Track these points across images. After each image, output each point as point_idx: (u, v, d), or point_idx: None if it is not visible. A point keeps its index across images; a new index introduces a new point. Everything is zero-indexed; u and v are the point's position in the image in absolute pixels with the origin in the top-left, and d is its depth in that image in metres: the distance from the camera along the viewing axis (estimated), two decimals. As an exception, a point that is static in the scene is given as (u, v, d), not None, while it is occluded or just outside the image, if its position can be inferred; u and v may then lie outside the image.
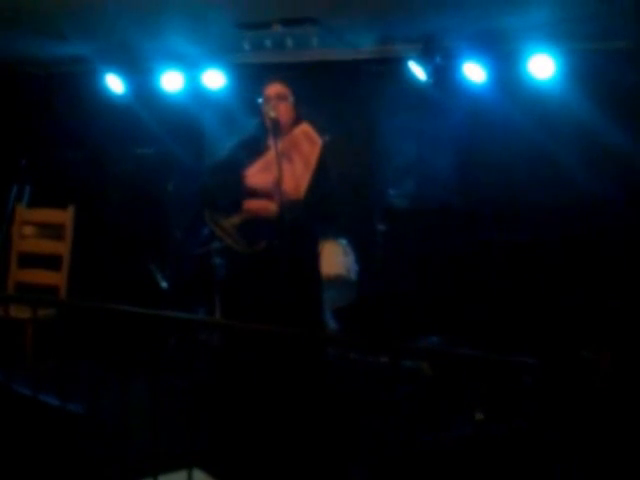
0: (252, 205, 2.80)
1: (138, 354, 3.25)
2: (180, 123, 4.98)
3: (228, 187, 2.88)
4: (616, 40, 3.79)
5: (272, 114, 2.79)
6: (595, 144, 3.85)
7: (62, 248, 3.87)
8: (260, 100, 2.88)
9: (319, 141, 2.86)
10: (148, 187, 4.91)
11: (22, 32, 4.45)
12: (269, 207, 2.76)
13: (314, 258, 2.93)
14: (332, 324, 3.85)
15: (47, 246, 3.93)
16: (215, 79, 4.79)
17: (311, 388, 2.75)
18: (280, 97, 2.88)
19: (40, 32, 4.46)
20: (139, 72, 4.93)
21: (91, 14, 4.08)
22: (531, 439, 2.26)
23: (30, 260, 3.94)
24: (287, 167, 2.74)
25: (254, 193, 2.82)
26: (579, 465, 2.06)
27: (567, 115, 3.90)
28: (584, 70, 3.89)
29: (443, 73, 4.24)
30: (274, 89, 2.90)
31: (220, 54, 4.72)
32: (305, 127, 2.89)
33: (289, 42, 4.32)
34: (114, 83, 4.98)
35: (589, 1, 3.32)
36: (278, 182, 2.68)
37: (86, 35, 4.51)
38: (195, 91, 4.90)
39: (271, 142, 2.80)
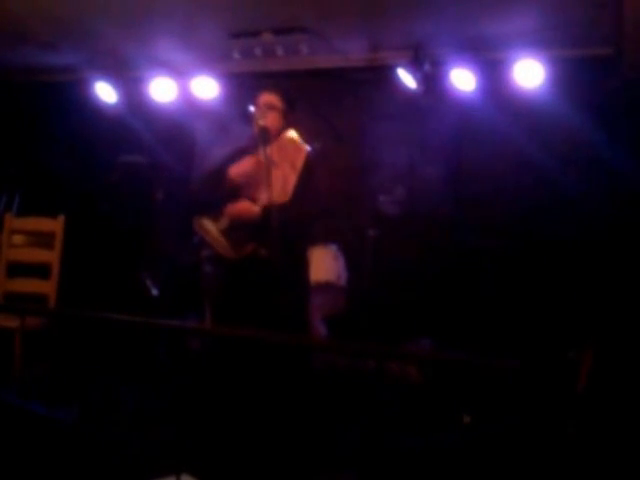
0: (234, 209, 2.80)
1: (128, 361, 3.25)
2: (170, 131, 4.98)
3: (218, 196, 2.89)
4: (598, 47, 3.84)
5: (261, 122, 2.82)
6: (582, 150, 3.89)
7: (52, 257, 3.86)
8: (252, 108, 2.90)
9: (305, 147, 2.89)
10: (138, 195, 4.90)
11: (11, 41, 4.46)
12: (251, 209, 2.76)
13: (301, 262, 2.93)
14: (322, 330, 3.85)
15: (37, 255, 3.92)
16: (205, 87, 4.80)
17: (298, 394, 2.75)
18: (270, 106, 2.91)
19: (30, 41, 4.47)
20: (129, 80, 4.93)
21: (81, 23, 4.10)
22: (519, 441, 2.27)
23: (20, 269, 3.92)
24: (274, 172, 2.76)
25: (236, 190, 2.82)
26: (565, 465, 2.07)
27: (554, 121, 3.93)
28: (569, 77, 3.93)
29: (432, 81, 4.28)
30: (265, 98, 2.93)
31: (210, 62, 4.73)
32: (291, 134, 2.91)
33: (279, 50, 4.35)
34: (104, 91, 4.98)
35: (570, 8, 3.38)
36: (267, 188, 2.69)
37: (76, 44, 4.52)
38: (185, 99, 4.90)
39: (260, 149, 2.82)
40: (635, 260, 3.42)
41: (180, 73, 4.79)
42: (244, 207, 2.79)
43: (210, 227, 2.84)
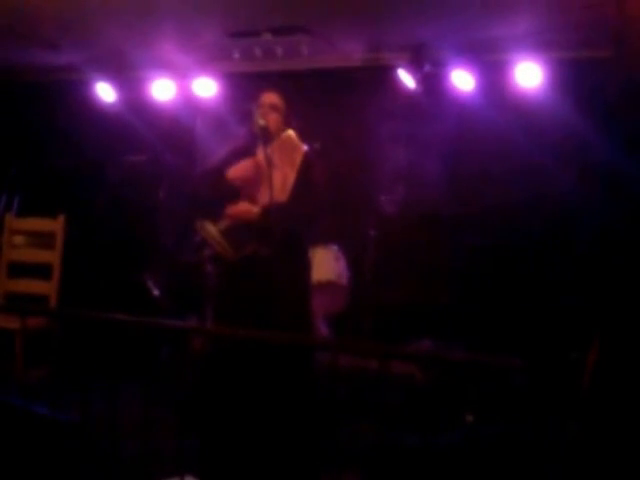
0: (234, 210, 2.81)
1: (130, 362, 3.25)
2: (171, 131, 4.99)
3: (218, 195, 2.89)
4: (598, 48, 3.85)
5: (261, 122, 2.81)
6: (581, 151, 3.90)
7: (53, 257, 3.86)
8: (253, 107, 2.90)
9: (303, 146, 2.90)
10: (139, 195, 4.91)
11: (13, 41, 4.46)
12: (251, 209, 2.77)
13: (302, 262, 2.93)
14: (324, 329, 3.86)
15: (37, 255, 3.92)
16: (206, 87, 4.81)
17: (301, 395, 2.75)
18: (273, 107, 2.90)
19: (31, 41, 4.47)
20: (130, 80, 4.94)
21: (82, 23, 4.10)
22: (521, 440, 2.27)
23: (20, 269, 3.92)
24: (275, 172, 2.76)
25: (235, 190, 2.82)
26: (567, 465, 2.08)
27: (554, 122, 3.95)
28: (569, 78, 3.95)
29: (432, 81, 4.29)
30: (269, 98, 2.92)
31: (210, 62, 4.74)
32: (290, 133, 2.92)
33: (279, 50, 4.36)
34: (105, 91, 4.99)
35: (569, 10, 3.38)
36: (269, 188, 2.69)
37: (77, 44, 4.52)
38: (186, 99, 4.92)
39: (260, 149, 2.82)
40: (637, 260, 3.42)
41: (180, 73, 4.79)
42: (244, 208, 2.79)
43: (210, 228, 2.84)
